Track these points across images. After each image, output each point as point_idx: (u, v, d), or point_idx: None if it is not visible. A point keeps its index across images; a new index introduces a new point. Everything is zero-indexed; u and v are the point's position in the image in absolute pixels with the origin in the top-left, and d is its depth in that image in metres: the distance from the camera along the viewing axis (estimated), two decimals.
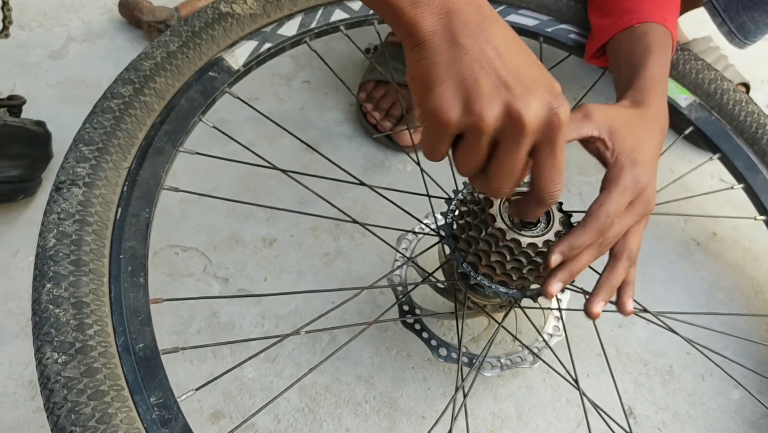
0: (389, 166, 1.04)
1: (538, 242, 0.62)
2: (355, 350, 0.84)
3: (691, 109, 0.90)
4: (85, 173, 0.61)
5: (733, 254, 0.98)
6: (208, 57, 0.73)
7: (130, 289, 0.59)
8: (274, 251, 0.94)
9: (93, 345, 0.54)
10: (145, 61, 0.69)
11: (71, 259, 0.57)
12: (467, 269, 0.66)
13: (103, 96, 0.66)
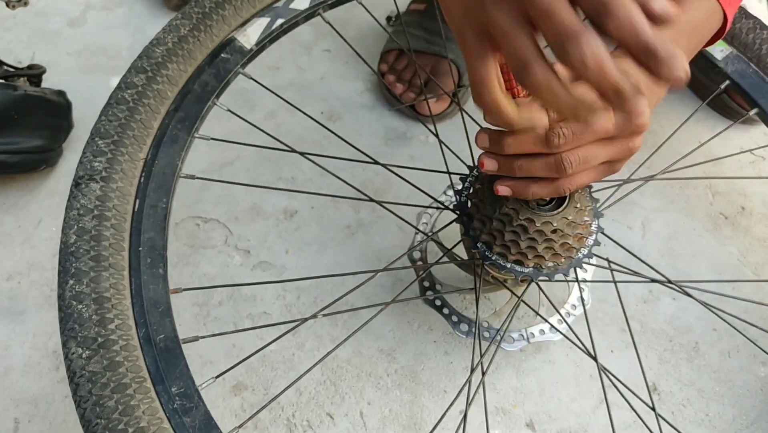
0: (411, 138, 1.03)
1: (553, 221, 0.60)
2: (376, 324, 0.85)
3: (727, 62, 0.85)
4: (102, 167, 0.61)
5: (761, 228, 0.96)
6: (219, 38, 0.72)
7: (149, 281, 0.60)
8: (294, 223, 0.94)
9: (115, 339, 0.55)
10: (156, 48, 0.68)
11: (91, 255, 0.58)
12: (482, 249, 0.65)
13: (118, 86, 0.66)
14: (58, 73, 1.07)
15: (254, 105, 1.04)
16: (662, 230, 0.94)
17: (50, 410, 0.78)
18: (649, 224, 0.95)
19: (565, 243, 0.63)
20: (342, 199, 0.95)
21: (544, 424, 0.79)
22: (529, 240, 0.62)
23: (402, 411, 0.80)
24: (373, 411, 0.79)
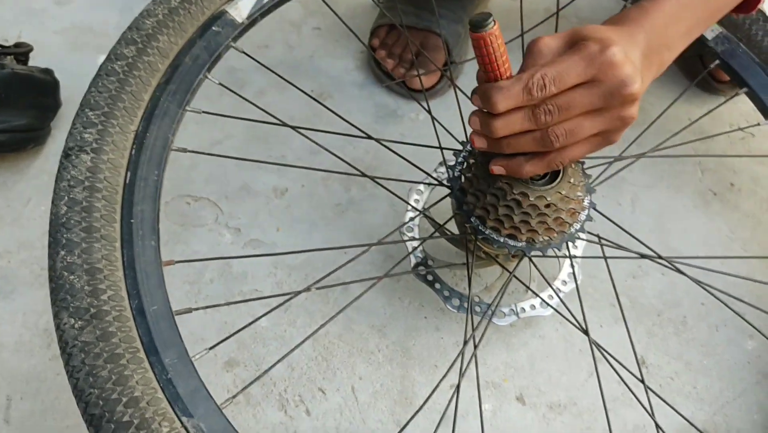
0: (402, 116, 1.03)
1: (546, 195, 0.61)
2: (367, 300, 0.85)
3: (717, 42, 0.86)
4: (93, 139, 0.61)
5: (750, 204, 0.97)
6: (210, 11, 0.71)
7: (142, 253, 0.60)
8: (285, 201, 0.94)
9: (107, 310, 0.55)
10: (146, 20, 0.68)
11: (83, 226, 0.58)
12: (475, 223, 0.66)
13: (107, 58, 0.65)
14: (45, 51, 1.05)
15: (243, 84, 1.04)
16: (652, 207, 0.95)
17: (42, 388, 0.78)
18: (639, 201, 0.95)
19: (558, 218, 0.63)
20: (332, 178, 0.95)
21: (534, 397, 0.80)
22: (522, 214, 0.62)
23: (393, 386, 0.80)
24: (364, 386, 0.80)
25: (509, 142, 0.57)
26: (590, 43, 0.54)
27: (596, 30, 0.55)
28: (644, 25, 0.59)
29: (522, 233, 0.64)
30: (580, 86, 0.54)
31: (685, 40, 0.64)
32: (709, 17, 0.65)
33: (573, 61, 0.53)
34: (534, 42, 0.56)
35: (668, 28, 0.61)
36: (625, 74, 0.53)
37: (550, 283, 0.76)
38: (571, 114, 0.55)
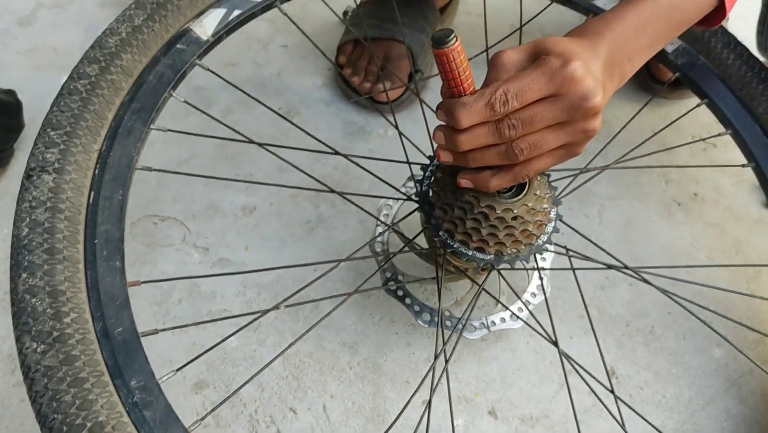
0: (370, 132, 1.03)
1: (513, 208, 0.61)
2: (338, 317, 0.85)
3: (677, 54, 0.88)
4: (55, 159, 0.60)
5: (714, 213, 0.98)
6: (175, 29, 0.71)
7: (106, 273, 0.59)
8: (254, 219, 0.93)
9: (71, 333, 0.54)
10: (110, 38, 0.67)
11: (45, 247, 0.56)
12: (444, 237, 0.66)
13: (70, 77, 0.65)
14: (8, 72, 1.04)
15: (210, 102, 1.03)
16: (618, 218, 0.96)
17: (6, 414, 0.76)
18: (605, 212, 0.97)
19: (525, 230, 0.64)
20: (301, 195, 0.95)
21: (506, 411, 0.80)
22: (490, 227, 0.63)
23: (365, 403, 0.79)
24: (336, 404, 0.79)
25: (474, 156, 0.58)
26: (551, 58, 0.54)
27: (558, 43, 0.56)
28: (606, 37, 0.60)
29: (490, 246, 0.65)
30: (542, 101, 0.55)
31: (647, 53, 0.65)
32: (671, 31, 0.66)
33: (534, 76, 0.54)
34: (497, 55, 0.57)
35: (630, 40, 0.62)
36: (587, 88, 0.54)
37: (519, 295, 0.76)
38: (535, 128, 0.56)
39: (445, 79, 0.55)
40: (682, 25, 0.67)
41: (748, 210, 0.98)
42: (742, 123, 0.84)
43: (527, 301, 0.79)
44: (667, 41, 0.67)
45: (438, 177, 0.67)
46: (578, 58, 0.54)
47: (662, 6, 0.64)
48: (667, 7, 0.64)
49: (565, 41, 0.57)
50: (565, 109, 0.55)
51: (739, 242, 0.95)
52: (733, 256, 0.93)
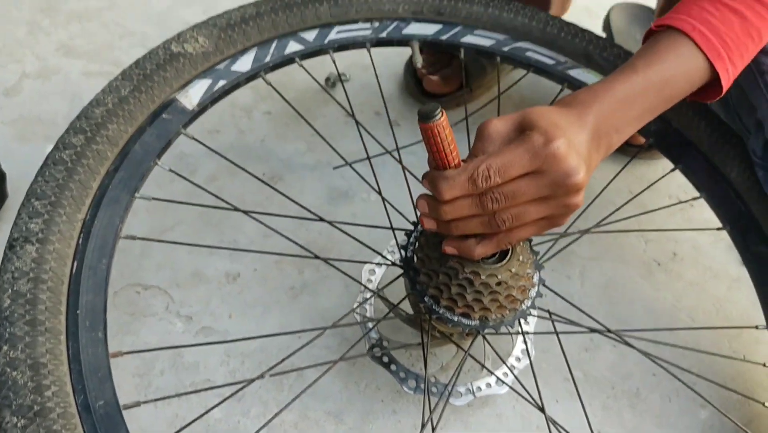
0: (353, 196, 1.04)
1: (497, 273, 0.62)
2: (323, 385, 0.83)
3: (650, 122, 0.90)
4: (38, 229, 0.60)
5: (693, 273, 1.00)
6: (161, 99, 0.72)
7: (88, 345, 0.58)
8: (238, 286, 0.93)
9: (52, 407, 0.53)
10: (96, 109, 0.68)
11: (27, 319, 0.56)
12: (429, 303, 0.66)
13: (55, 147, 0.65)
14: None
15: (194, 169, 1.04)
16: (599, 279, 0.97)
17: None
18: (587, 273, 0.98)
19: (509, 295, 0.65)
20: (285, 261, 0.95)
21: None
22: (475, 293, 0.63)
23: None
24: None
25: (457, 225, 0.59)
26: (535, 134, 0.55)
27: (543, 116, 0.57)
28: (594, 108, 0.61)
29: (475, 312, 0.65)
30: (525, 176, 0.56)
31: (635, 125, 0.66)
32: (662, 104, 0.67)
33: (518, 153, 0.55)
34: (484, 125, 0.58)
35: (618, 112, 0.63)
36: (569, 166, 0.55)
37: (504, 360, 0.76)
38: (517, 201, 0.57)
39: (430, 151, 0.57)
40: (673, 98, 0.67)
41: (726, 269, 0.99)
42: (716, 188, 0.86)
43: (512, 365, 0.79)
44: (656, 113, 0.68)
45: (422, 243, 0.67)
46: (562, 135, 0.55)
47: (652, 79, 0.64)
48: (658, 81, 0.65)
49: (552, 114, 0.58)
50: (548, 186, 0.56)
51: (720, 301, 0.96)
52: (714, 315, 0.94)
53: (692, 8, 0.67)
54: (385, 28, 0.90)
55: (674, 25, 0.66)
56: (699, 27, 0.65)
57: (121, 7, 1.35)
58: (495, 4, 0.93)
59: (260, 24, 0.81)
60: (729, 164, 0.86)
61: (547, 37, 0.93)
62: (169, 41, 0.75)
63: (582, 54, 0.93)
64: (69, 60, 1.21)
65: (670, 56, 0.65)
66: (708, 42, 0.65)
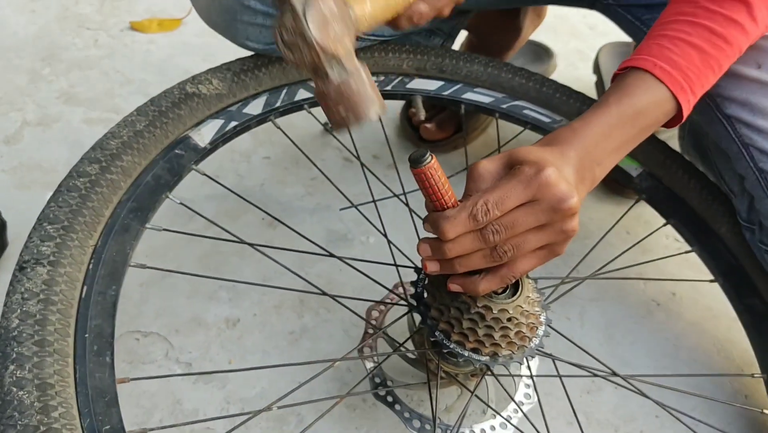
0: (352, 239, 1.05)
1: (508, 308, 0.63)
2: (323, 432, 0.82)
3: (641, 179, 0.93)
4: (50, 252, 0.60)
5: (693, 313, 1.01)
6: (174, 135, 0.74)
7: (95, 369, 0.57)
8: (237, 332, 0.92)
9: (58, 428, 0.52)
10: (111, 140, 0.69)
11: (35, 339, 0.55)
12: (440, 337, 0.66)
13: (69, 175, 0.66)
14: None
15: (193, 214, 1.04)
16: (599, 320, 0.98)
17: None
18: (587, 314, 0.98)
19: (519, 331, 0.65)
20: (285, 306, 0.94)
21: None
22: (486, 327, 0.63)
23: None
24: None
25: (461, 262, 0.60)
26: (525, 167, 0.58)
27: (530, 152, 0.60)
28: (574, 144, 0.64)
29: (486, 347, 0.65)
30: (522, 206, 0.58)
31: (615, 156, 0.69)
32: (638, 134, 0.70)
33: (512, 185, 0.57)
34: (474, 167, 0.61)
35: (598, 146, 0.66)
36: (562, 191, 0.58)
37: (512, 398, 0.76)
38: (517, 231, 0.58)
39: (426, 195, 0.59)
40: (649, 127, 0.71)
41: (726, 309, 0.97)
42: (706, 242, 0.89)
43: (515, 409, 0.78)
44: (635, 143, 0.71)
45: (432, 279, 0.68)
46: (551, 165, 0.58)
47: (626, 112, 0.68)
48: (632, 113, 0.68)
49: (536, 150, 0.61)
50: (544, 212, 0.58)
51: (719, 341, 0.97)
52: (715, 355, 0.94)
53: (652, 47, 0.71)
54: (390, 82, 0.94)
55: (637, 65, 0.70)
56: (660, 64, 0.69)
57: (121, 55, 1.39)
58: (494, 65, 0.98)
59: (272, 71, 0.84)
60: (719, 221, 0.88)
61: (543, 97, 0.98)
62: (184, 82, 0.78)
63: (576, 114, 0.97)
64: (70, 107, 1.23)
65: (638, 91, 0.69)
66: (669, 76, 0.69)
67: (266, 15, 0.80)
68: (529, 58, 1.36)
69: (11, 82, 1.27)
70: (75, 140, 1.15)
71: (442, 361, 0.74)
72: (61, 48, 1.38)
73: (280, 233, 1.04)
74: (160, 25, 1.46)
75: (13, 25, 1.43)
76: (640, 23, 0.91)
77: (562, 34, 1.72)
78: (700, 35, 0.70)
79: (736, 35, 0.71)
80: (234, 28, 0.81)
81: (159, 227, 0.69)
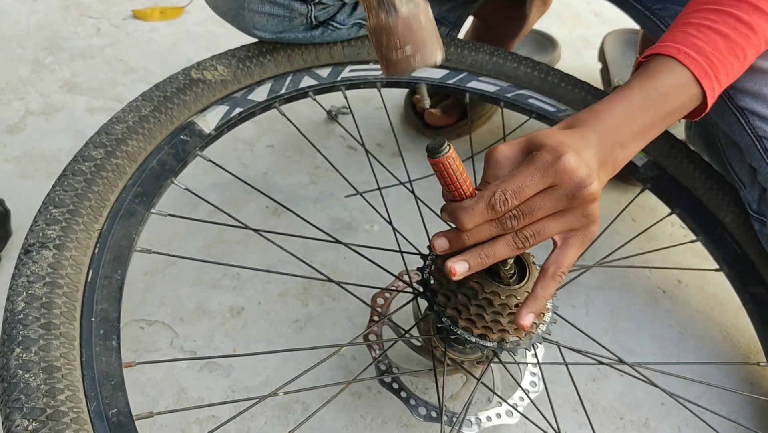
0: (356, 227, 1.05)
1: (516, 294, 0.62)
2: (328, 420, 0.82)
3: (646, 168, 0.93)
4: (56, 235, 0.59)
5: (699, 300, 1.01)
6: (179, 121, 0.74)
7: (102, 352, 0.57)
8: (241, 321, 0.92)
9: (65, 411, 0.51)
10: (116, 125, 0.69)
11: (41, 322, 0.55)
12: (447, 323, 0.66)
13: (74, 159, 0.66)
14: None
15: (197, 203, 1.04)
16: (604, 307, 0.97)
17: None
18: (592, 302, 0.98)
19: None
20: (289, 294, 0.94)
21: None
22: (493, 313, 0.63)
23: None
24: None
25: (487, 253, 0.59)
26: (543, 153, 0.57)
27: (548, 136, 0.59)
28: (595, 126, 0.63)
29: (493, 333, 0.65)
30: (541, 193, 0.57)
31: (639, 141, 0.67)
32: (662, 119, 0.68)
33: (530, 172, 0.57)
34: (491, 152, 0.59)
35: (620, 128, 0.65)
36: (581, 177, 0.57)
37: (520, 385, 0.75)
38: (536, 217, 0.58)
39: (444, 184, 0.58)
40: (673, 113, 0.69)
41: (732, 296, 0.97)
42: (711, 232, 0.89)
43: (521, 397, 0.77)
44: (659, 130, 0.69)
45: (439, 265, 0.68)
46: (569, 150, 0.57)
47: (650, 94, 0.66)
48: (656, 96, 0.67)
49: (555, 133, 0.60)
50: (563, 198, 0.57)
51: (726, 329, 0.97)
52: (721, 343, 0.94)
53: (676, 34, 0.70)
54: None
55: (661, 52, 0.69)
56: (684, 49, 0.68)
57: (123, 44, 1.39)
58: (498, 54, 0.97)
59: (277, 58, 0.84)
60: (724, 210, 0.88)
61: (548, 86, 0.97)
62: (189, 68, 0.77)
63: (582, 103, 0.97)
64: (72, 97, 1.23)
65: (662, 75, 0.68)
66: (694, 61, 0.67)
67: (273, 3, 0.79)
68: (534, 48, 1.36)
69: (14, 72, 1.26)
70: (78, 129, 1.15)
71: (448, 348, 0.74)
72: (63, 37, 1.38)
73: (283, 221, 1.03)
74: (162, 14, 1.45)
75: (15, 15, 1.42)
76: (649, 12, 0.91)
77: (567, 21, 1.71)
78: (725, 22, 0.68)
79: (762, 24, 0.69)
80: (241, 16, 0.81)
81: (164, 213, 0.69)
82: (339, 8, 0.86)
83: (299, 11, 0.81)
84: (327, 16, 0.85)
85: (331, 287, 0.95)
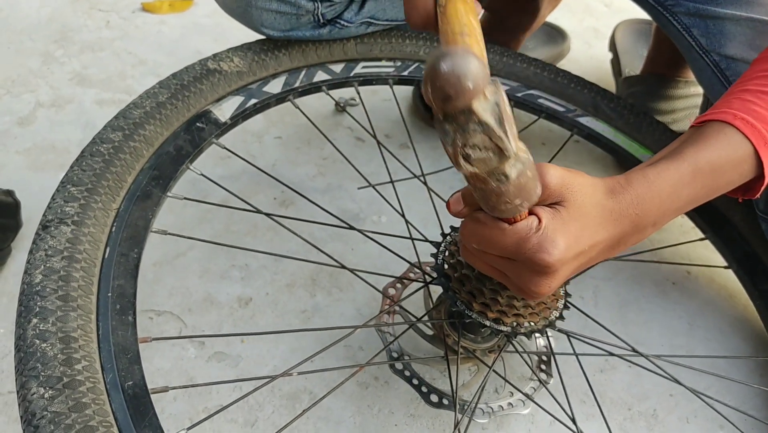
0: (364, 218, 1.05)
1: None
2: (336, 410, 0.82)
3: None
4: (74, 212, 0.60)
5: (708, 292, 1.01)
6: (196, 109, 0.75)
7: (118, 327, 0.57)
8: (250, 311, 0.92)
9: (81, 380, 0.52)
10: (134, 110, 0.70)
11: (59, 294, 0.55)
12: (461, 308, 0.66)
13: (92, 141, 0.67)
14: (6, 172, 1.05)
15: (207, 194, 1.05)
16: (613, 299, 0.98)
17: None
18: (600, 293, 0.98)
19: (541, 302, 0.65)
20: (297, 284, 0.94)
21: None
22: (508, 297, 0.63)
23: None
24: None
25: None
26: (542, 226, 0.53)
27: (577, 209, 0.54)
28: (643, 206, 0.58)
29: (508, 317, 0.65)
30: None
31: (672, 217, 0.62)
32: (706, 195, 0.63)
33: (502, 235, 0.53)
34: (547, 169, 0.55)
35: (662, 206, 0.59)
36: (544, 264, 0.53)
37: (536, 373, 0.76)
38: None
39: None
40: (720, 189, 0.63)
41: (741, 287, 0.96)
42: (720, 230, 0.90)
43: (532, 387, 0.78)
44: (697, 204, 0.63)
45: (454, 250, 0.68)
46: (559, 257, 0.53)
47: (702, 168, 0.61)
48: (708, 169, 0.61)
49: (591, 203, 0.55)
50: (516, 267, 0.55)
51: (735, 321, 0.97)
52: (730, 335, 0.94)
53: (733, 101, 0.64)
54: (407, 68, 0.96)
55: (715, 118, 0.63)
56: (741, 115, 0.62)
57: (133, 36, 1.40)
58: (509, 55, 0.99)
59: (291, 52, 0.86)
60: (733, 208, 0.89)
61: (557, 87, 0.99)
62: (206, 59, 0.79)
63: (591, 104, 0.98)
64: (82, 89, 1.23)
65: (718, 143, 0.61)
66: (752, 128, 0.61)
67: (281, 1, 0.81)
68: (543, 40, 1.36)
69: (24, 65, 1.27)
70: (88, 121, 1.15)
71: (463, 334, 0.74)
72: (73, 30, 1.39)
73: (292, 211, 1.04)
74: (171, 6, 1.47)
75: (25, 8, 1.43)
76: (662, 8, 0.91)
77: (577, 12, 1.72)
78: None
79: None
80: (249, 14, 0.82)
81: (180, 196, 0.69)
82: (346, 6, 0.87)
83: (306, 8, 0.82)
84: (334, 14, 0.86)
85: (338, 278, 0.96)
